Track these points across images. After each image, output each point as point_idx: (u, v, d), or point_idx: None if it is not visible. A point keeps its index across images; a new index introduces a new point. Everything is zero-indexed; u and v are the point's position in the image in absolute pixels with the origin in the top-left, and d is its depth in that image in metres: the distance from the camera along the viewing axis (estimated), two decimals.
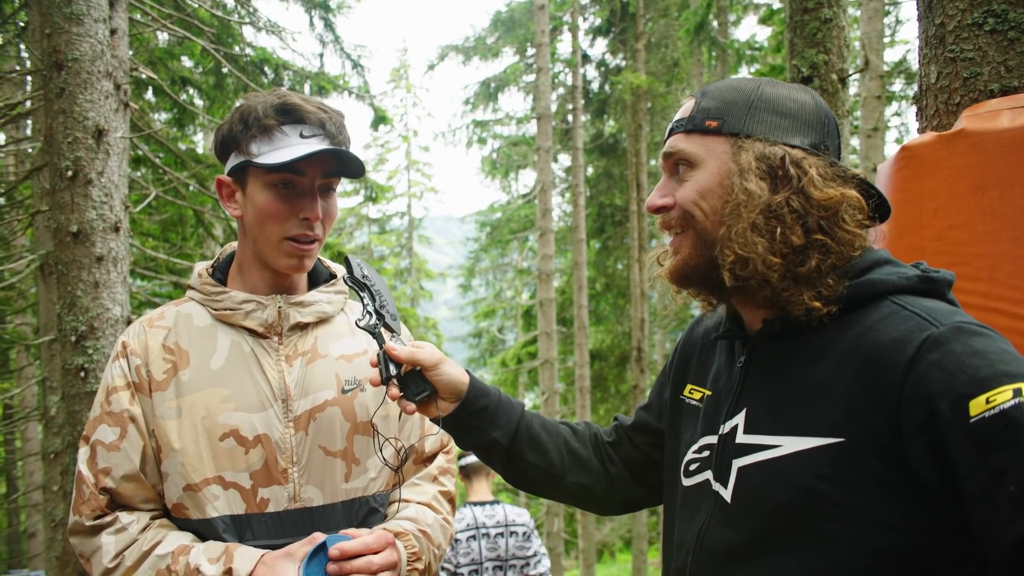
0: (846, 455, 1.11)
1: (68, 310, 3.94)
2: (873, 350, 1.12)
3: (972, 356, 1.03)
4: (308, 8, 9.59)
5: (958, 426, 1.00)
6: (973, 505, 1.00)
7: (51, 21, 3.91)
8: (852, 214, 1.23)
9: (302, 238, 1.66)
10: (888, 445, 1.08)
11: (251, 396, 1.63)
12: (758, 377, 1.29)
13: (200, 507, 1.60)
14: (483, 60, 19.07)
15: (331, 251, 10.68)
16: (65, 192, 3.93)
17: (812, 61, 3.76)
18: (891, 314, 1.15)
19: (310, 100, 1.68)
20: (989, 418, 0.98)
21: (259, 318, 1.68)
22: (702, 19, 11.97)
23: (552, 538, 14.76)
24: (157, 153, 8.42)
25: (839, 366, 1.16)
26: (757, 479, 1.21)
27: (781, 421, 1.21)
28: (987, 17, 1.89)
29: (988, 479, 0.98)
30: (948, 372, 1.03)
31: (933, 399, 1.03)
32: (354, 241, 27.81)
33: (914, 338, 1.08)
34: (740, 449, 1.26)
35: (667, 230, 1.35)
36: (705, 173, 1.27)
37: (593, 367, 18.42)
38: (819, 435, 1.14)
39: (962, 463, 1.00)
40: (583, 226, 16.12)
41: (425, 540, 1.72)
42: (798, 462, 1.15)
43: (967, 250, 1.75)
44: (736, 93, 1.29)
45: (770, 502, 1.18)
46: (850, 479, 1.10)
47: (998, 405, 0.98)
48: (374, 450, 1.71)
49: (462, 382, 1.53)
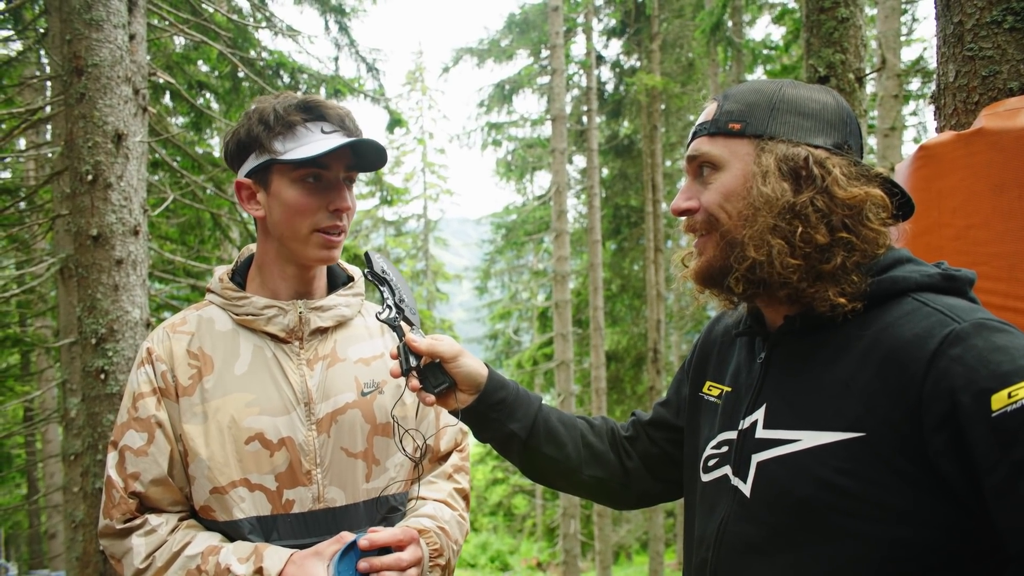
0: (866, 449, 1.12)
1: (88, 313, 3.98)
2: (895, 346, 1.13)
3: (994, 351, 1.04)
4: (323, 12, 9.64)
5: (980, 420, 1.01)
6: (995, 498, 1.02)
7: (71, 27, 3.95)
8: (877, 212, 1.24)
9: (332, 229, 1.69)
10: (909, 439, 1.09)
11: (275, 400, 1.66)
12: (778, 373, 1.30)
13: (227, 509, 1.63)
14: (497, 62, 19.10)
15: (348, 253, 10.72)
16: (85, 196, 3.97)
17: (829, 61, 3.74)
18: (913, 311, 1.16)
19: (325, 99, 1.71)
20: (1011, 412, 0.99)
21: (280, 323, 1.71)
22: (718, 19, 11.93)
23: (568, 540, 14.74)
24: (175, 157, 8.49)
25: (860, 362, 1.16)
26: (776, 473, 1.22)
27: (801, 416, 1.22)
28: (1006, 15, 1.88)
29: (1010, 473, 0.99)
30: (970, 367, 1.04)
31: (955, 393, 1.04)
32: (370, 243, 27.93)
33: (936, 333, 1.09)
34: (759, 444, 1.27)
35: (692, 232, 1.36)
36: (729, 176, 1.28)
37: (609, 368, 18.39)
38: (839, 429, 1.15)
39: (984, 457, 1.01)
40: (598, 227, 16.09)
41: (444, 536, 1.75)
42: (817, 456, 1.17)
43: (986, 249, 1.74)
44: (758, 95, 1.30)
45: (789, 496, 1.19)
46: (869, 473, 1.11)
47: (1020, 400, 0.99)
48: (395, 442, 1.74)
49: (481, 375, 1.54)
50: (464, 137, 20.15)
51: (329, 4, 9.58)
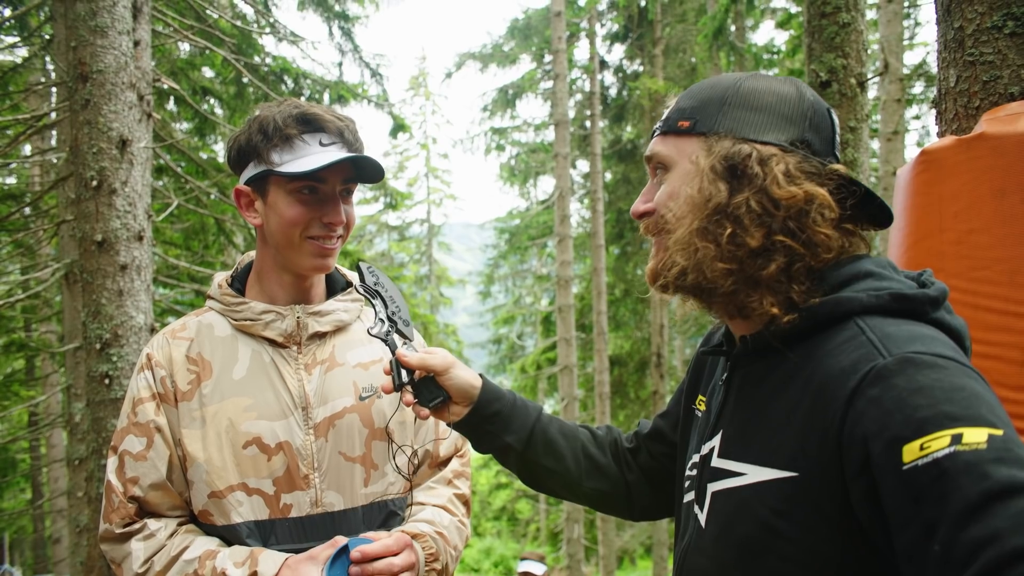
0: (799, 490, 1.04)
1: (93, 318, 3.99)
2: (825, 379, 1.04)
3: (914, 393, 0.94)
4: (327, 18, 9.67)
5: (891, 472, 0.92)
6: (903, 559, 0.92)
7: (76, 34, 3.97)
8: (824, 214, 1.13)
9: (325, 239, 1.69)
10: (834, 484, 1.01)
11: (272, 405, 1.67)
12: (735, 398, 1.24)
13: (225, 513, 1.63)
14: (500, 67, 19.14)
15: (351, 258, 10.73)
16: (90, 202, 3.98)
17: (831, 66, 3.75)
18: (850, 338, 1.06)
19: (326, 109, 1.71)
20: (922, 467, 0.89)
21: (278, 328, 1.72)
22: (720, 24, 11.96)
23: (572, 544, 14.73)
24: (179, 162, 8.51)
25: (800, 393, 1.08)
26: (724, 507, 1.17)
27: (748, 448, 1.15)
28: (1007, 20, 1.88)
29: (919, 533, 0.89)
30: (885, 411, 0.94)
31: (868, 441, 0.95)
32: (374, 248, 27.94)
33: (859, 369, 1.00)
34: (714, 473, 1.21)
35: (648, 235, 1.29)
36: (675, 175, 1.23)
37: (613, 373, 18.38)
38: (778, 467, 1.08)
39: (896, 512, 0.92)
40: (602, 232, 16.10)
41: (442, 541, 1.75)
42: (759, 493, 1.10)
43: (987, 254, 1.74)
44: (713, 90, 1.24)
45: (733, 533, 1.14)
46: (802, 516, 1.04)
47: (932, 453, 0.88)
48: (388, 458, 1.75)
49: (474, 387, 1.53)
50: (467, 142, 20.19)
51: (333, 10, 9.62)
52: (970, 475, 0.85)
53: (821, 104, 1.23)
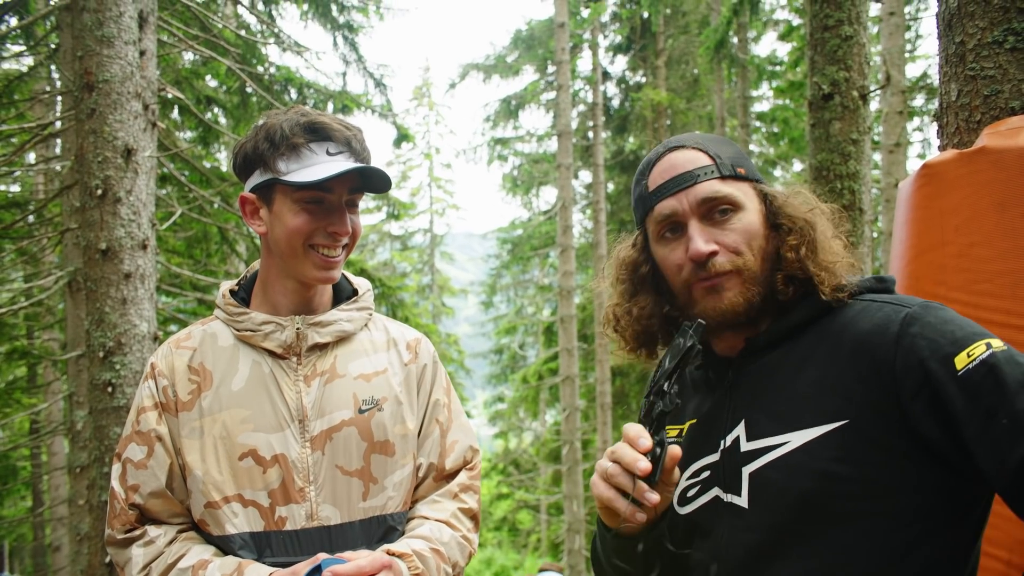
0: (853, 434, 1.21)
1: (96, 326, 4.00)
2: (858, 338, 1.26)
3: (945, 324, 1.20)
4: (332, 28, 9.71)
5: (950, 380, 1.15)
6: (975, 444, 1.12)
7: (83, 44, 4.00)
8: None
9: (328, 248, 1.69)
10: (890, 415, 1.19)
11: (269, 417, 1.66)
12: (747, 391, 1.37)
13: (219, 524, 1.64)
14: (504, 78, 19.19)
15: (354, 267, 10.74)
16: (95, 210, 4.00)
17: (833, 78, 3.76)
18: (864, 308, 1.30)
19: (333, 118, 1.71)
20: (973, 368, 1.14)
21: (278, 339, 1.71)
22: (722, 37, 11.99)
23: (573, 555, 14.69)
24: (183, 171, 8.55)
25: (827, 362, 1.28)
26: (772, 477, 1.27)
27: (783, 421, 1.29)
28: (1007, 35, 1.89)
29: (983, 419, 1.12)
30: (931, 339, 1.19)
31: (924, 362, 1.17)
32: (376, 258, 27.97)
33: (894, 318, 1.24)
34: (747, 456, 1.32)
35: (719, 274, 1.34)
36: (750, 216, 1.37)
37: (615, 383, 18.34)
38: (823, 423, 1.24)
39: (960, 411, 1.14)
40: (604, 242, 16.09)
41: (435, 559, 1.69)
42: (809, 451, 1.24)
43: (988, 267, 1.75)
44: (731, 146, 1.44)
45: (790, 495, 1.24)
46: (860, 455, 1.20)
47: (978, 357, 1.14)
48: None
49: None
50: (470, 152, 20.23)
51: (337, 21, 9.66)
52: (1009, 363, 1.13)
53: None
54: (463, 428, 1.91)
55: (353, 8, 9.88)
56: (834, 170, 3.82)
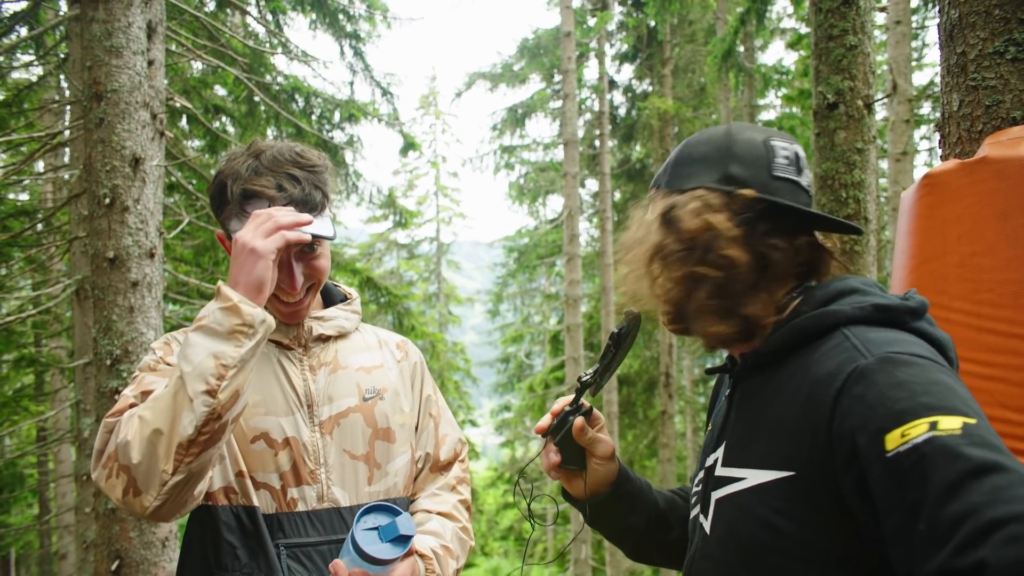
0: (797, 489, 1.12)
1: (104, 334, 4.03)
2: (813, 383, 1.12)
3: (894, 388, 1.02)
4: (339, 37, 9.77)
5: (877, 461, 0.99)
6: (891, 541, 0.98)
7: (92, 54, 4.03)
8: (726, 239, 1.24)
9: (286, 295, 1.72)
10: (829, 479, 1.08)
11: (279, 402, 1.73)
12: (737, 411, 1.33)
13: (247, 495, 1.67)
14: (510, 87, 19.21)
15: (361, 276, 10.76)
16: (103, 219, 4.03)
17: (838, 88, 3.77)
18: (836, 346, 1.14)
19: (279, 164, 1.68)
20: (903, 452, 0.96)
21: (284, 330, 1.80)
22: (729, 46, 12.00)
23: (580, 565, 14.64)
24: (190, 180, 8.58)
25: (791, 399, 1.16)
26: (727, 511, 1.24)
27: (748, 454, 1.23)
28: (1008, 45, 1.90)
29: (904, 516, 0.95)
30: (869, 406, 1.02)
31: (855, 434, 1.02)
32: (383, 266, 28.00)
33: (844, 370, 1.08)
34: (718, 481, 1.29)
35: None
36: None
37: (621, 392, 18.32)
38: (776, 468, 1.16)
39: (882, 499, 0.98)
40: (611, 251, 16.09)
41: (446, 556, 1.77)
42: (759, 495, 1.17)
43: (991, 277, 1.75)
44: (671, 155, 1.39)
45: (737, 535, 1.21)
46: (800, 513, 1.11)
47: (911, 439, 0.95)
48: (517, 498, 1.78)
49: (612, 476, 1.55)
50: (477, 161, 20.25)
51: (344, 31, 9.71)
52: (947, 457, 0.92)
53: (742, 134, 1.32)
54: (450, 422, 2.02)
55: (360, 17, 9.94)
56: (839, 179, 3.82)
